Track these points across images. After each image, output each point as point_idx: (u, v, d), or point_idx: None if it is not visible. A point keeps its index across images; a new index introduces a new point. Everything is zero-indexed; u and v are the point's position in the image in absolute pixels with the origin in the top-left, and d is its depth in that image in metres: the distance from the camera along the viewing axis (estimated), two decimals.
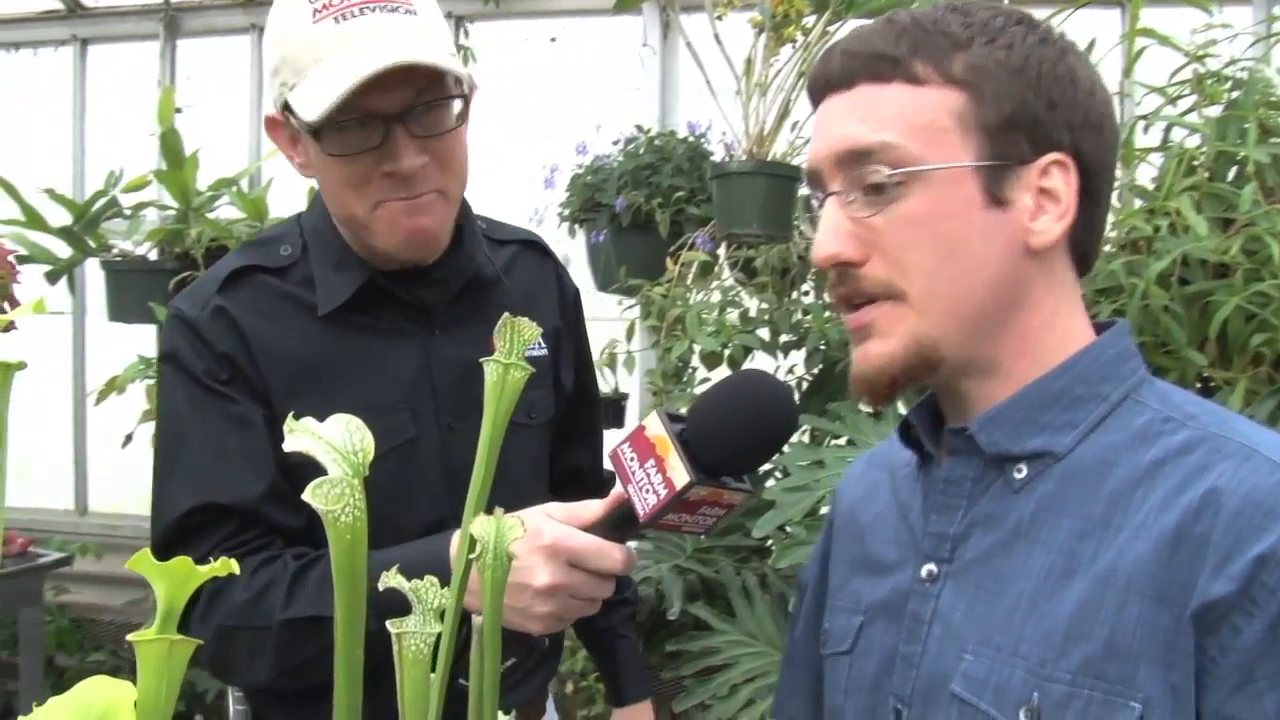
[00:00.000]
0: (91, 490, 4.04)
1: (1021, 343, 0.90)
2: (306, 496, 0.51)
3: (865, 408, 2.11)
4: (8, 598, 2.88)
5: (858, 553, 1.05)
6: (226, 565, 0.52)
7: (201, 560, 1.27)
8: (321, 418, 1.37)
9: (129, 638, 0.50)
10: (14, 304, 0.67)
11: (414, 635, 0.56)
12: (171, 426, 1.32)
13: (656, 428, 0.98)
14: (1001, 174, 0.86)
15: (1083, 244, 0.92)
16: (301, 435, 0.53)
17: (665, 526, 1.00)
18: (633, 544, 1.13)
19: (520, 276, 1.47)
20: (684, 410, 1.02)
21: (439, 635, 0.61)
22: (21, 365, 0.70)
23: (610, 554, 1.05)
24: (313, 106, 1.18)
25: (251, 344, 1.29)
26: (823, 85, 0.91)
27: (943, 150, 0.86)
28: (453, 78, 1.22)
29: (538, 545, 1.04)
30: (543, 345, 1.44)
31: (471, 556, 0.70)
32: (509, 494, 0.99)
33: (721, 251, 2.70)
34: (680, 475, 0.95)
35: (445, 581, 0.62)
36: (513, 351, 0.73)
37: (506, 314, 0.74)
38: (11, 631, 3.29)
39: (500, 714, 0.74)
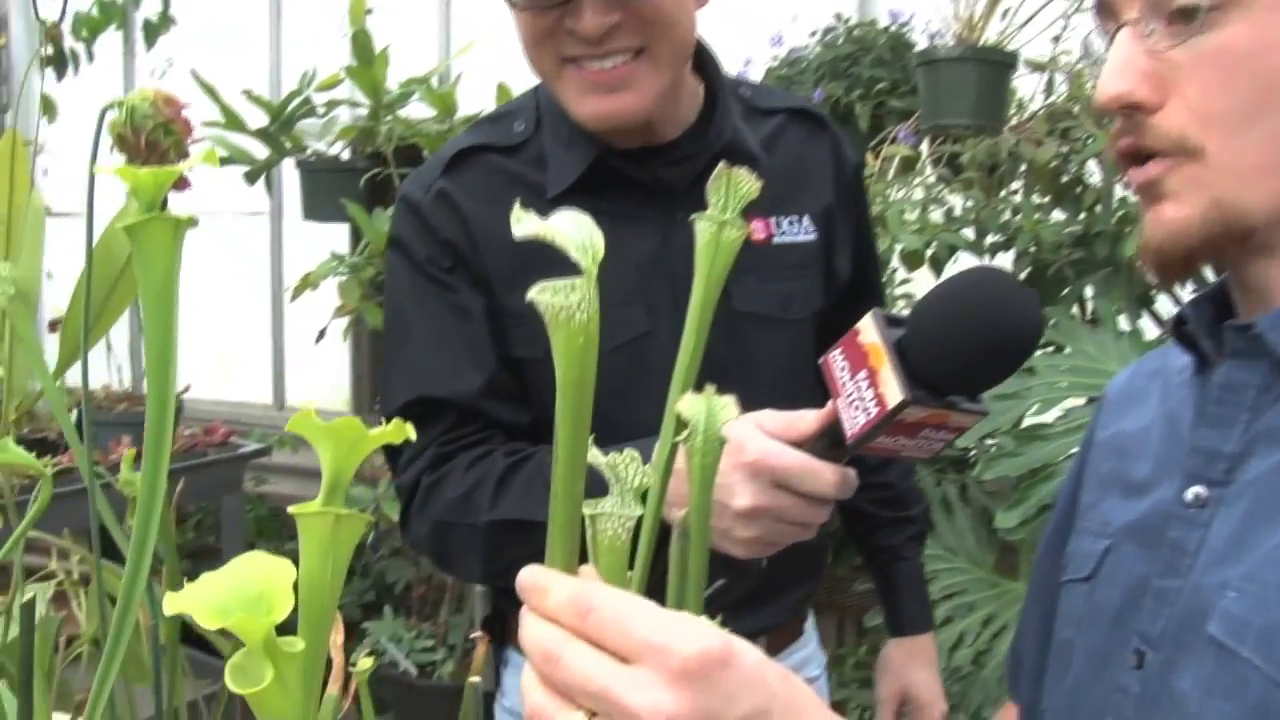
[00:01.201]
0: (289, 385, 4.18)
1: None
2: (533, 294, 0.48)
3: (1153, 279, 1.92)
4: (210, 485, 2.99)
5: (1112, 469, 0.89)
6: (400, 430, 0.45)
7: (418, 455, 1.25)
8: None
9: (291, 509, 0.44)
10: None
11: (610, 518, 0.49)
12: (395, 316, 1.27)
13: (870, 332, 0.84)
14: None
15: None
16: (534, 220, 0.47)
17: (879, 451, 0.86)
18: None
19: (786, 151, 1.30)
20: (907, 312, 0.87)
21: (639, 520, 0.54)
22: (193, 221, 0.65)
23: (821, 475, 0.90)
24: None
25: (473, 230, 1.21)
26: None
27: None
28: None
29: (738, 461, 0.92)
30: (811, 228, 1.29)
31: (678, 439, 0.61)
32: (758, 397, 0.87)
33: (924, 146, 2.54)
34: (893, 391, 0.80)
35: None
36: (729, 206, 0.64)
37: (723, 164, 0.65)
38: (215, 518, 3.44)
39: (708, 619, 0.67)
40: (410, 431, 0.47)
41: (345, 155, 3.30)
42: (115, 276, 1.15)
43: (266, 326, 4.15)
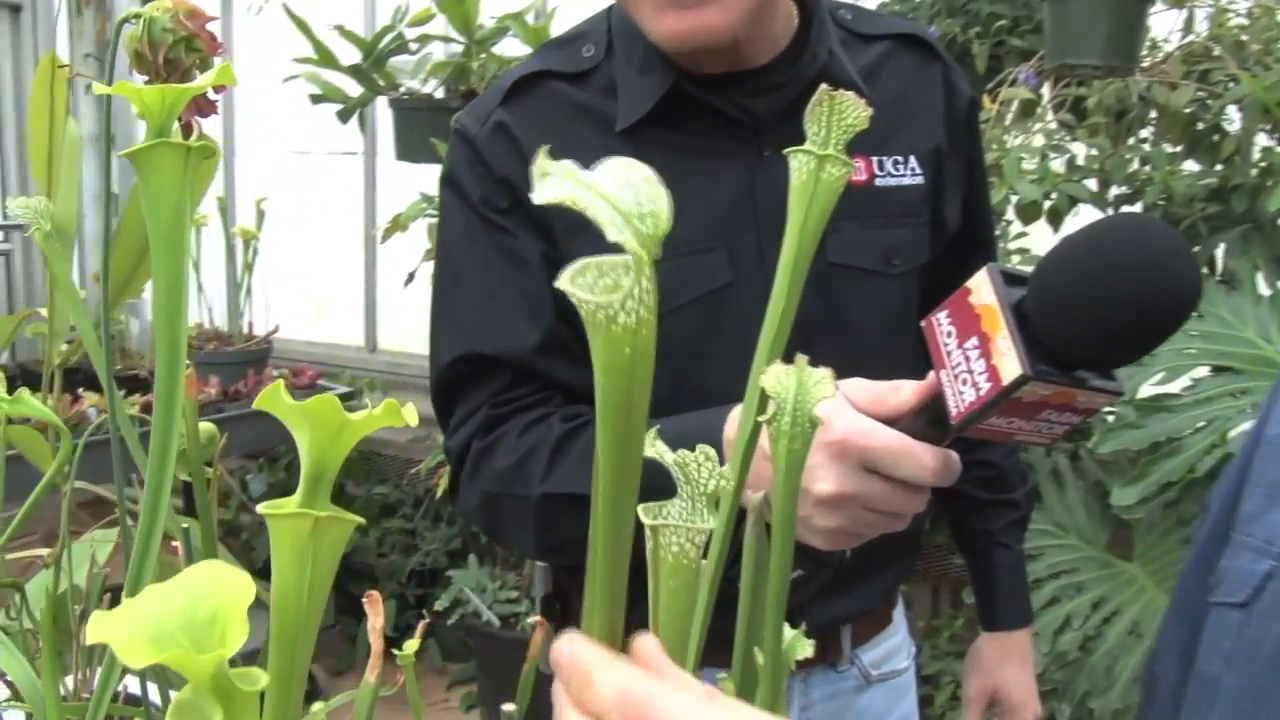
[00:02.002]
0: (381, 328, 4.15)
1: None
2: (563, 282, 0.34)
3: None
4: None
5: None
6: (394, 413, 0.35)
7: (469, 417, 1.08)
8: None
9: (259, 508, 0.35)
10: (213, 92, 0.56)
11: (676, 531, 0.38)
12: (446, 261, 1.15)
13: (985, 292, 0.70)
14: None
15: None
16: (561, 179, 0.34)
17: (989, 434, 0.73)
18: None
19: (890, 81, 1.15)
20: (1030, 269, 0.73)
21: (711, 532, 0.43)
22: (208, 150, 0.56)
23: (918, 459, 0.77)
24: None
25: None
26: None
27: None
28: None
29: (822, 440, 0.78)
30: (917, 170, 1.14)
31: (761, 418, 0.51)
32: (853, 362, 0.75)
33: (1046, 89, 2.36)
34: (1010, 364, 0.68)
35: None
36: (831, 138, 0.52)
37: (824, 87, 0.54)
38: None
39: (788, 627, 0.57)
40: (411, 416, 0.37)
41: (439, 94, 3.22)
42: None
43: (360, 268, 4.12)
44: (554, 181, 0.34)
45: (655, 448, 0.41)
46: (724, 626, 0.55)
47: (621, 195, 0.34)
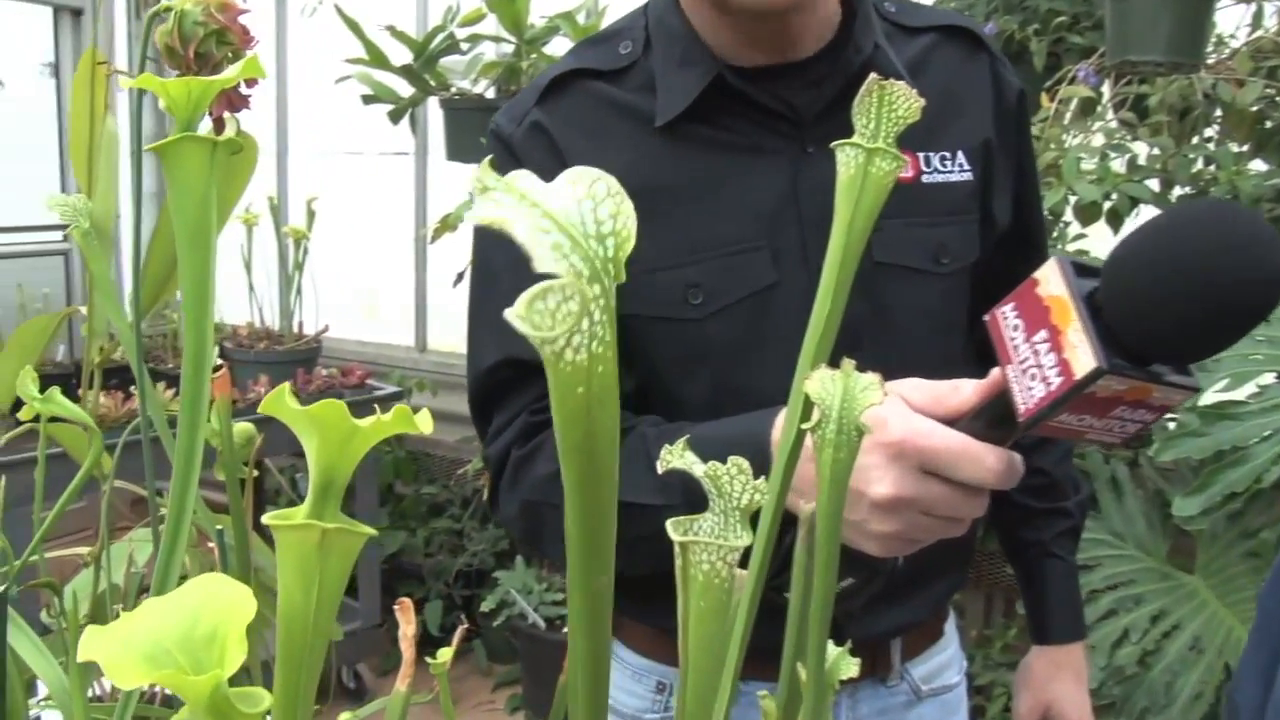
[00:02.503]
0: (430, 328, 4.16)
1: None
2: (511, 314, 0.28)
3: None
4: None
5: None
6: (405, 419, 0.33)
7: (508, 424, 1.05)
8: (656, 255, 1.09)
9: (264, 519, 0.33)
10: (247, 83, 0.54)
11: (708, 549, 0.36)
12: (482, 264, 1.13)
13: (1054, 283, 0.67)
14: None
15: None
16: (499, 194, 0.27)
17: (1058, 432, 0.70)
18: None
19: (937, 74, 1.10)
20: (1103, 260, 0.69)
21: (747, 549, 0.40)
22: (236, 144, 0.54)
23: (981, 461, 0.74)
24: None
25: (571, 166, 1.06)
26: None
27: None
28: None
29: (878, 440, 0.76)
30: (966, 166, 1.10)
31: (805, 425, 0.48)
32: (901, 364, 0.73)
33: (1106, 87, 2.30)
34: (1083, 358, 0.65)
35: (763, 472, 0.41)
36: (879, 132, 0.50)
37: (873, 76, 0.51)
38: None
39: (831, 644, 0.54)
40: (425, 423, 0.35)
41: (490, 94, 3.22)
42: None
43: (410, 268, 4.13)
44: (491, 198, 0.28)
45: (685, 458, 0.39)
46: (767, 638, 0.53)
47: (574, 213, 0.29)
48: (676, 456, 0.39)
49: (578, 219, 0.28)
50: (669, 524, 0.37)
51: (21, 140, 3.91)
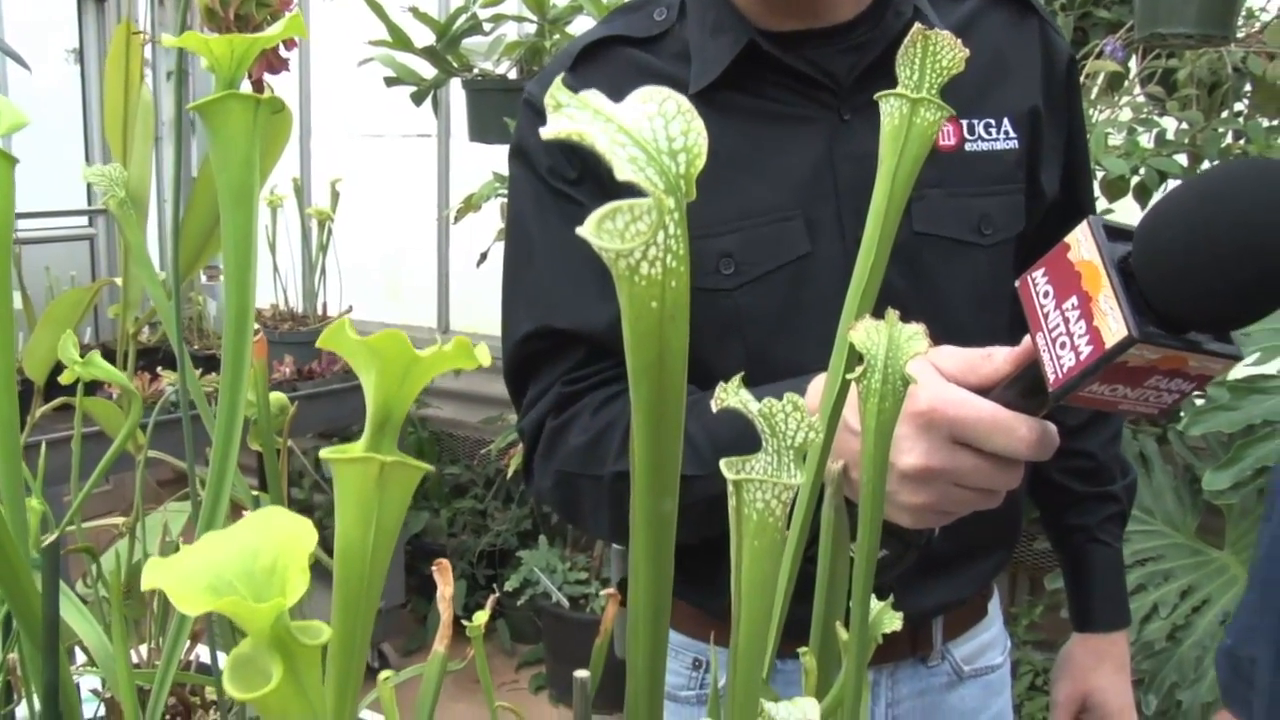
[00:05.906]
0: (453, 308, 4.17)
1: None
2: (585, 230, 0.29)
3: None
4: None
5: None
6: (465, 352, 0.33)
7: (542, 395, 1.04)
8: (691, 225, 1.12)
9: (322, 454, 0.33)
10: (287, 46, 0.55)
11: (762, 486, 0.35)
12: (517, 234, 1.11)
13: (1085, 247, 0.65)
14: None
15: None
16: (575, 110, 0.28)
17: (1090, 403, 0.67)
18: None
19: (983, 40, 1.06)
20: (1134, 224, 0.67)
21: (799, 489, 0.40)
22: (275, 104, 0.55)
23: (1013, 431, 0.72)
24: None
25: None
26: None
27: None
28: None
29: (910, 410, 0.74)
30: (1011, 133, 1.06)
31: (850, 376, 0.48)
32: (941, 338, 0.71)
33: (1134, 61, 2.28)
34: (1115, 325, 0.62)
35: None
36: (924, 82, 0.49)
37: (918, 26, 0.51)
38: None
39: (875, 601, 0.54)
40: (483, 356, 0.35)
41: (512, 74, 3.21)
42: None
43: (433, 249, 4.14)
44: (566, 114, 0.29)
45: (739, 396, 0.39)
46: (800, 614, 0.52)
47: (646, 129, 0.29)
48: (731, 395, 0.38)
49: (650, 135, 0.28)
50: (722, 464, 0.37)
51: (47, 127, 3.94)
